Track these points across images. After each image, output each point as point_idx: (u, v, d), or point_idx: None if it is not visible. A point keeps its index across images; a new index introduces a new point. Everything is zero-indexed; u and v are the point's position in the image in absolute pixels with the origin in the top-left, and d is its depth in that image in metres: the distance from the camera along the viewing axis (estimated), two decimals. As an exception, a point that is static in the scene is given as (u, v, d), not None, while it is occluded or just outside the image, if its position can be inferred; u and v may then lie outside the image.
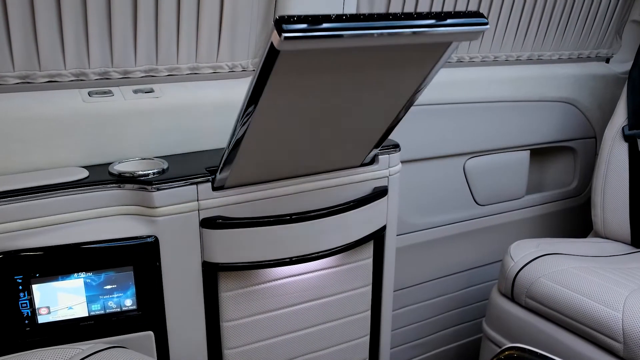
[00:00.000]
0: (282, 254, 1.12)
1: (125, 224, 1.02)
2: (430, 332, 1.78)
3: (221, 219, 1.07)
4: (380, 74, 0.90)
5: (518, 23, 1.61)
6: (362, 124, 1.05)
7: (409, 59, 0.87)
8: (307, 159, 1.11)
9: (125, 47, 1.10)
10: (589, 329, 1.27)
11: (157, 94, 1.14)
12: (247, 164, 1.04)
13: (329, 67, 0.83)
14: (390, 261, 1.33)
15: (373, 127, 1.08)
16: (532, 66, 1.72)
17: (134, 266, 1.03)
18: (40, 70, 1.05)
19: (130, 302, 1.04)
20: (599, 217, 1.63)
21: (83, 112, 1.07)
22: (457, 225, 1.69)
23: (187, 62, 1.18)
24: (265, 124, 0.94)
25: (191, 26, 1.14)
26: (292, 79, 0.84)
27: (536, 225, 1.88)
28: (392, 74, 0.91)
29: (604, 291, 1.28)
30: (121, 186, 1.02)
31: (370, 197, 1.21)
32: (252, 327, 1.17)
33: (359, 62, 0.85)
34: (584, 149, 1.89)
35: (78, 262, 0.99)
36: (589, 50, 1.83)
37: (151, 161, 1.10)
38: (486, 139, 1.66)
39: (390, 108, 1.03)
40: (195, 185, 1.04)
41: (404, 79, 0.94)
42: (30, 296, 0.97)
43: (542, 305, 1.37)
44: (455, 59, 1.57)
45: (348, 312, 1.29)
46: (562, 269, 1.38)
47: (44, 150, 1.05)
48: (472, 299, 1.83)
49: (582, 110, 1.84)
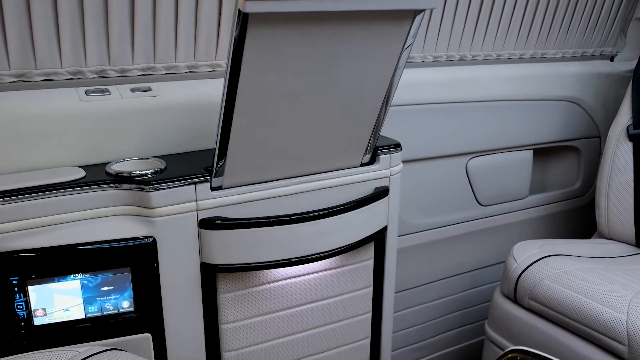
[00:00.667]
0: (282, 255, 1.12)
1: (123, 224, 1.02)
2: (432, 335, 1.78)
3: (220, 220, 1.07)
4: (353, 49, 0.95)
5: (521, 20, 1.61)
6: (347, 116, 1.07)
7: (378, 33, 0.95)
8: (300, 156, 1.11)
9: (123, 45, 1.10)
10: (593, 332, 1.27)
11: (155, 93, 1.14)
12: (240, 158, 1.04)
13: (300, 41, 0.89)
14: (392, 262, 1.33)
15: (358, 122, 1.10)
16: (536, 64, 1.72)
17: (132, 267, 1.02)
18: (36, 69, 1.05)
19: (127, 303, 1.04)
20: (603, 218, 1.63)
21: (80, 111, 1.07)
22: (459, 226, 1.69)
23: (186, 61, 1.18)
24: (248, 111, 0.95)
25: (189, 24, 1.14)
26: (266, 54, 0.88)
27: (539, 226, 1.88)
28: (364, 51, 0.97)
29: (608, 293, 1.28)
30: (118, 186, 1.02)
31: (371, 197, 1.21)
32: (251, 330, 1.17)
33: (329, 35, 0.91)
34: (588, 148, 1.89)
35: (75, 263, 0.99)
36: (593, 48, 1.83)
37: (149, 161, 1.10)
38: (489, 139, 1.66)
39: (370, 100, 1.06)
40: (193, 185, 1.04)
41: (378, 58, 0.99)
42: (26, 298, 0.97)
43: (545, 307, 1.37)
44: (458, 57, 1.57)
45: (348, 314, 1.29)
46: (565, 271, 1.38)
47: (40, 149, 1.05)
48: (475, 300, 1.83)
49: (586, 109, 1.84)
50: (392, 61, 1.04)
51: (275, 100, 0.97)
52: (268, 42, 0.87)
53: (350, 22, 0.93)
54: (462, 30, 1.53)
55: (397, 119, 1.47)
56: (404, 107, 1.48)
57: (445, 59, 1.56)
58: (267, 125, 1.01)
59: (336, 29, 0.92)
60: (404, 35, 1.01)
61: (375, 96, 1.08)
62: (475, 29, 1.55)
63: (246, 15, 0.82)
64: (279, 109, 1.00)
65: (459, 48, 1.56)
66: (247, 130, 1.00)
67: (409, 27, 1.00)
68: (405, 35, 1.01)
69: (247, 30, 0.85)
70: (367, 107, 1.10)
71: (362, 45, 0.97)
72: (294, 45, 0.90)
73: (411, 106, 1.49)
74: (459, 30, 1.52)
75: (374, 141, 1.19)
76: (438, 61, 1.55)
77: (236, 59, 0.88)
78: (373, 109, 1.11)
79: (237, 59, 0.88)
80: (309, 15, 0.88)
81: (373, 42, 0.98)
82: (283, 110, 1.00)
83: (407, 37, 1.01)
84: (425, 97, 1.50)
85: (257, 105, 0.97)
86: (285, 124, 1.03)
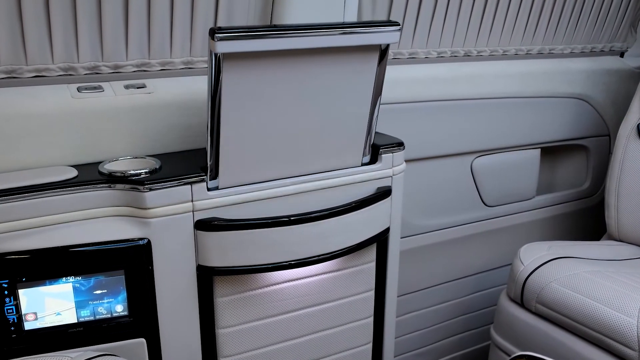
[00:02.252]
0: (281, 258, 1.12)
1: (116, 225, 1.02)
2: (435, 340, 1.79)
3: (217, 221, 1.07)
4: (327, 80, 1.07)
5: (528, 15, 1.61)
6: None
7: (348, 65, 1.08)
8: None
9: (116, 40, 1.10)
10: (602, 336, 1.27)
11: (150, 90, 1.14)
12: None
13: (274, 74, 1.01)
14: (394, 265, 1.33)
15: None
16: (543, 60, 1.72)
17: (125, 270, 1.02)
18: (26, 65, 1.06)
19: (121, 307, 1.04)
20: (613, 219, 1.64)
21: (72, 109, 1.07)
22: (464, 228, 1.69)
23: (181, 56, 1.18)
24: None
25: (185, 18, 1.14)
26: (243, 88, 0.99)
27: (547, 228, 1.88)
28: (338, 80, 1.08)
29: (618, 297, 1.28)
30: (112, 186, 1.02)
31: (373, 197, 1.21)
32: (248, 335, 1.17)
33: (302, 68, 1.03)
34: (597, 147, 1.89)
35: (66, 265, 0.99)
36: (603, 43, 1.83)
37: (143, 160, 1.10)
38: (494, 137, 1.66)
39: (356, 113, 1.15)
40: (189, 185, 1.04)
41: (354, 85, 1.10)
42: (16, 301, 0.97)
43: (553, 311, 1.37)
44: (462, 53, 1.57)
45: (349, 318, 1.29)
46: (574, 274, 1.38)
47: (31, 148, 1.05)
48: (480, 304, 1.83)
49: (595, 106, 1.84)
50: (369, 85, 1.13)
51: (259, 119, 1.05)
52: (243, 78, 0.98)
53: (320, 56, 1.04)
54: (467, 24, 1.53)
55: (399, 116, 1.47)
56: (406, 105, 1.48)
57: (450, 54, 1.56)
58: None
59: (307, 62, 1.03)
60: (374, 65, 1.11)
61: (360, 110, 1.15)
62: (480, 24, 1.55)
63: (219, 56, 0.94)
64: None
65: (464, 43, 1.56)
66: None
67: (377, 60, 1.11)
68: (376, 64, 1.11)
69: (221, 68, 0.95)
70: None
71: (334, 75, 1.07)
72: (268, 78, 1.01)
73: (414, 103, 1.49)
74: (464, 25, 1.53)
75: (370, 142, 1.21)
76: (442, 57, 1.55)
77: (215, 94, 0.98)
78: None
79: (215, 93, 0.98)
80: (278, 52, 0.99)
81: (345, 73, 1.08)
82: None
83: (377, 66, 1.11)
84: (429, 94, 1.50)
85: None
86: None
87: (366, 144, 1.21)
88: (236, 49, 0.93)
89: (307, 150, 1.13)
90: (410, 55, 1.49)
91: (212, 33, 0.91)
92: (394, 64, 1.47)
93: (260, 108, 1.04)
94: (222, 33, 0.91)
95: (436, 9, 1.45)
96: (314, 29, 0.99)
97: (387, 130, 1.43)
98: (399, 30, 1.07)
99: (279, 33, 0.96)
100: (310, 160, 1.14)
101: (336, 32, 1.01)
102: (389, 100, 1.43)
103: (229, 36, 0.92)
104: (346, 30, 1.02)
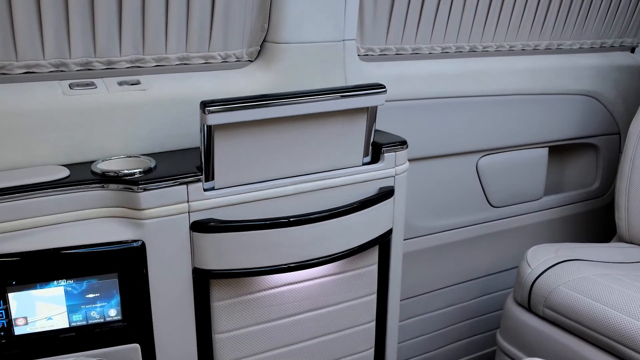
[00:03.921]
0: (280, 260, 1.12)
1: (109, 227, 1.02)
2: (440, 345, 1.79)
3: (213, 222, 1.07)
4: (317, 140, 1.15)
5: (536, 9, 1.61)
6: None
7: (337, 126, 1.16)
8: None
9: (109, 35, 1.10)
10: (612, 341, 1.27)
11: (144, 86, 1.14)
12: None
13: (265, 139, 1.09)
14: (397, 268, 1.33)
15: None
16: (551, 56, 1.72)
17: (119, 273, 1.02)
18: (17, 61, 1.05)
19: (114, 312, 1.04)
20: (623, 220, 1.64)
21: (63, 106, 1.07)
22: (469, 229, 1.69)
23: (177, 52, 1.18)
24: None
25: (181, 12, 1.14)
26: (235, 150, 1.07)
27: (555, 229, 1.88)
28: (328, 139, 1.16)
29: (628, 300, 1.28)
30: (105, 186, 1.02)
31: (375, 198, 1.21)
32: (246, 340, 1.17)
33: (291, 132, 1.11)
34: (607, 146, 1.90)
35: (58, 268, 0.99)
36: (613, 39, 1.83)
37: (137, 159, 1.10)
38: (501, 135, 1.66)
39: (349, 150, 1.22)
40: (185, 186, 1.04)
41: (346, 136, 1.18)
42: (6, 305, 0.97)
43: (561, 316, 1.37)
44: (468, 48, 1.57)
45: (351, 323, 1.29)
46: (583, 277, 1.38)
47: (21, 147, 1.05)
48: (486, 308, 1.83)
49: (605, 104, 1.84)
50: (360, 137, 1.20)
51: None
52: (235, 144, 1.07)
53: (310, 120, 1.12)
54: (473, 19, 1.53)
55: (402, 114, 1.47)
56: (410, 102, 1.48)
57: (455, 50, 1.56)
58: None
59: (296, 126, 1.11)
60: (363, 124, 1.18)
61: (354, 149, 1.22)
62: (486, 18, 1.55)
63: (210, 127, 1.02)
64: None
65: (469, 38, 1.56)
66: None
67: (367, 119, 1.18)
68: (365, 123, 1.19)
69: (214, 137, 1.04)
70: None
71: (324, 136, 1.15)
72: (259, 142, 1.09)
73: (418, 101, 1.49)
74: (469, 19, 1.53)
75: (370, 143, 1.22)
76: (447, 52, 1.55)
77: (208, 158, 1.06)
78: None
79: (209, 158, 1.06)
80: (266, 120, 1.07)
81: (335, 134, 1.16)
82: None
83: (367, 124, 1.19)
84: (432, 91, 1.50)
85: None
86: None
87: (365, 145, 1.22)
88: (226, 121, 1.03)
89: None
90: (413, 50, 1.48)
91: (202, 107, 1.00)
92: (396, 59, 1.47)
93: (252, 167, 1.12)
94: (212, 106, 1.00)
95: (440, 2, 1.45)
96: (301, 97, 1.08)
97: (389, 129, 1.43)
98: (385, 92, 1.16)
99: (267, 103, 1.05)
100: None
101: (322, 98, 1.10)
102: (392, 98, 1.43)
103: (219, 109, 1.01)
104: (333, 97, 1.11)
